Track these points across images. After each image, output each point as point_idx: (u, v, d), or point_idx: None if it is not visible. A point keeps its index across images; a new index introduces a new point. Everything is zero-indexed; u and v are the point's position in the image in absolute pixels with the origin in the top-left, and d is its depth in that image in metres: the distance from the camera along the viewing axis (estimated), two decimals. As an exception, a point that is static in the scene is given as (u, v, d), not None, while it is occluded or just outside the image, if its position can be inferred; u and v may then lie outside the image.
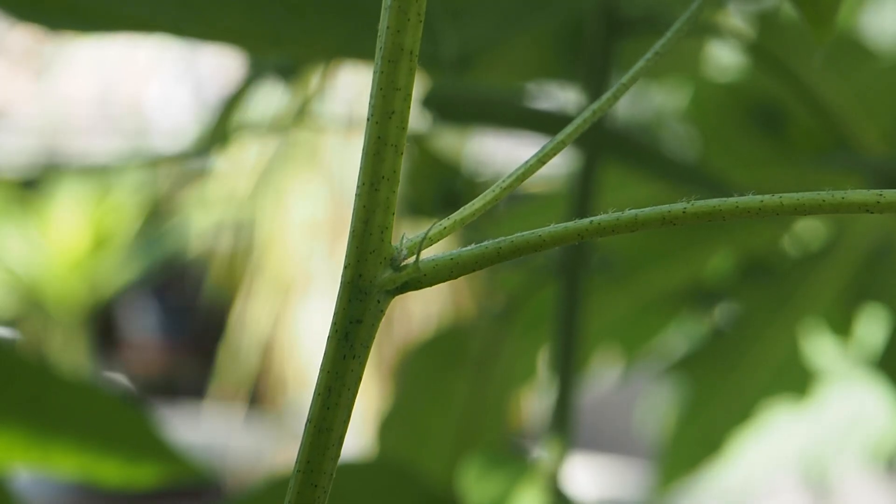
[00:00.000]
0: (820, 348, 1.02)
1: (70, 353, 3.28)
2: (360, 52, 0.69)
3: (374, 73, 0.30)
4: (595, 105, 0.30)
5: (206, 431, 3.22)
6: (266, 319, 3.02)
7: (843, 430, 1.20)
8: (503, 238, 0.31)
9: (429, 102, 0.74)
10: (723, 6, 0.87)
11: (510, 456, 0.73)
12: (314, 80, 0.94)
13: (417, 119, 0.81)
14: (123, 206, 3.31)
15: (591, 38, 0.74)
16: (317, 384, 0.31)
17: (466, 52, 0.69)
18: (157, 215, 3.31)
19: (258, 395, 3.13)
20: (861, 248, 0.92)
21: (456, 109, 0.76)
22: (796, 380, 1.01)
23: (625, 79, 0.30)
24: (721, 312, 0.96)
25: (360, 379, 0.31)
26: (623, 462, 3.05)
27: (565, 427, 0.73)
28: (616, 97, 0.31)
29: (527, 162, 0.30)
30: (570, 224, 0.30)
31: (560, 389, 0.73)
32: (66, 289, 3.29)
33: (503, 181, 0.31)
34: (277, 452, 3.06)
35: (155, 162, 1.65)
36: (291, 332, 3.02)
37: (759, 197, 0.29)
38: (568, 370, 0.73)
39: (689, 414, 1.00)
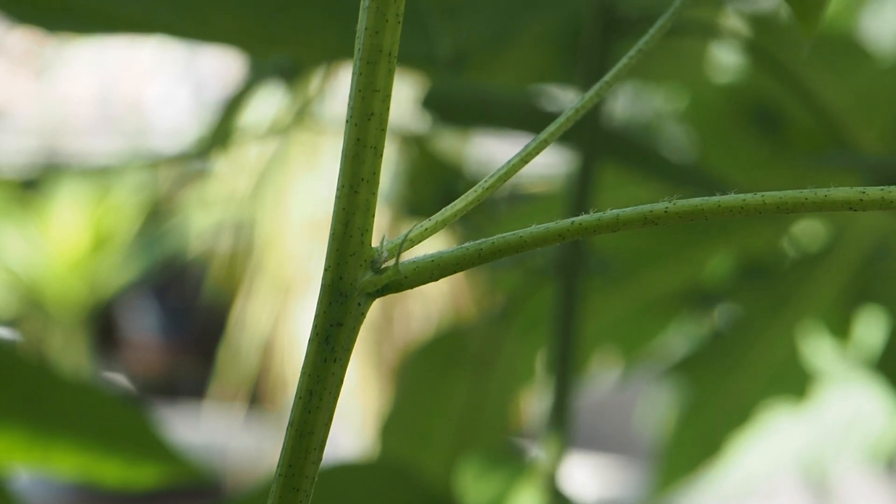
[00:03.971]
0: (819, 350, 1.02)
1: (70, 353, 3.28)
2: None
3: (353, 74, 0.30)
4: (578, 103, 0.30)
5: (206, 431, 3.22)
6: (266, 319, 3.02)
7: (842, 430, 1.20)
8: (484, 239, 0.31)
9: (428, 103, 0.74)
10: (721, 6, 0.87)
11: (508, 456, 0.73)
12: (314, 80, 0.94)
13: (417, 120, 0.81)
14: (123, 206, 3.31)
15: (589, 39, 0.74)
16: (297, 388, 0.31)
17: (461, 51, 0.69)
18: (157, 215, 3.31)
19: (258, 395, 3.13)
20: (860, 249, 0.92)
21: (455, 110, 0.76)
22: (795, 381, 1.01)
23: (608, 76, 0.30)
24: (720, 314, 0.96)
25: (341, 382, 0.31)
26: (623, 462, 3.05)
27: (563, 427, 0.73)
28: (599, 95, 0.31)
29: (509, 161, 0.30)
30: (552, 224, 0.29)
31: (558, 390, 0.73)
32: (66, 289, 3.29)
33: (485, 181, 0.30)
34: (277, 452, 3.06)
35: (155, 162, 1.65)
36: (291, 332, 3.02)
37: (741, 196, 0.29)
38: (566, 371, 0.73)
39: (688, 415, 1.00)
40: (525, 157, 0.30)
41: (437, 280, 0.30)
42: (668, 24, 0.31)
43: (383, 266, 0.31)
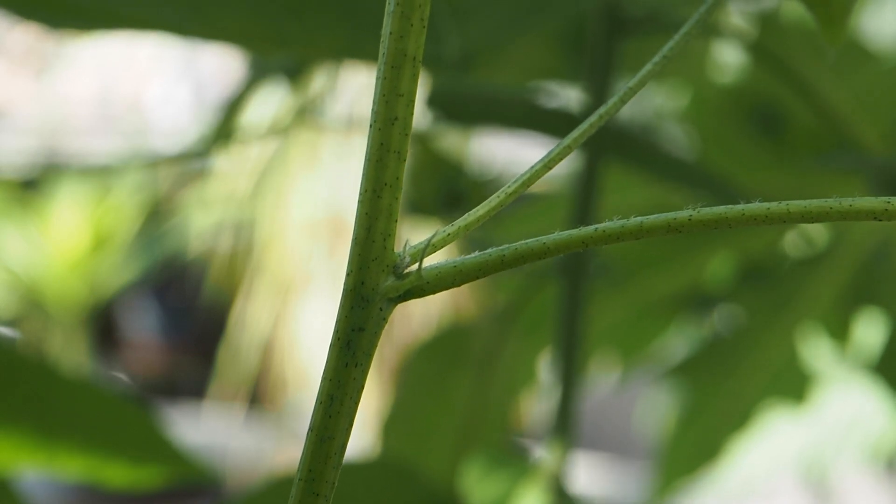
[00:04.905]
0: (818, 352, 1.02)
1: (70, 353, 3.28)
2: (362, 53, 0.69)
3: (377, 78, 0.30)
4: (602, 109, 0.30)
5: (206, 431, 3.22)
6: (266, 319, 3.02)
7: (842, 431, 1.20)
8: (507, 245, 0.30)
9: (432, 102, 0.74)
10: (724, 5, 0.87)
11: (512, 456, 0.73)
12: (316, 80, 0.94)
13: (421, 118, 0.81)
14: (123, 206, 3.31)
15: (594, 38, 0.74)
16: (318, 392, 0.31)
17: (469, 51, 0.69)
18: (157, 215, 3.31)
19: (258, 395, 3.13)
20: (859, 251, 0.92)
21: (460, 109, 0.76)
22: (795, 383, 1.01)
23: (632, 82, 0.30)
24: (720, 316, 0.96)
25: (362, 387, 0.31)
26: (624, 462, 3.05)
27: (567, 428, 0.73)
28: (624, 101, 0.30)
29: (532, 167, 0.30)
30: (575, 231, 0.29)
31: (562, 391, 0.73)
32: (66, 289, 3.29)
33: (508, 186, 0.30)
34: (277, 452, 3.06)
35: (155, 162, 1.65)
36: (291, 332, 3.02)
37: (765, 204, 0.29)
38: (570, 372, 0.73)
39: (687, 418, 1.00)
40: (548, 163, 0.30)
41: (459, 286, 0.30)
42: (696, 30, 0.31)
43: (406, 271, 0.31)
